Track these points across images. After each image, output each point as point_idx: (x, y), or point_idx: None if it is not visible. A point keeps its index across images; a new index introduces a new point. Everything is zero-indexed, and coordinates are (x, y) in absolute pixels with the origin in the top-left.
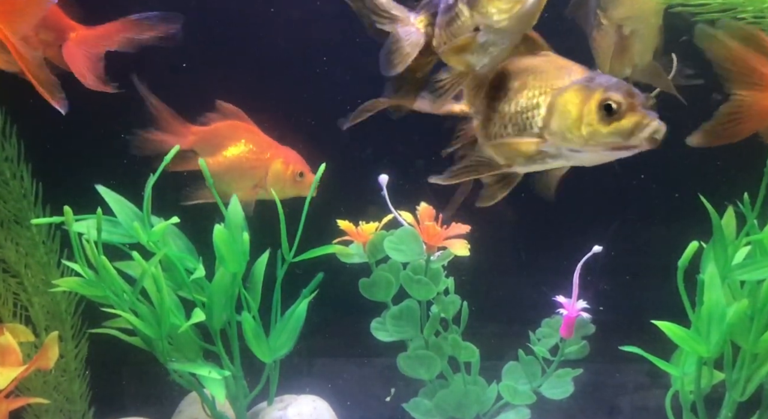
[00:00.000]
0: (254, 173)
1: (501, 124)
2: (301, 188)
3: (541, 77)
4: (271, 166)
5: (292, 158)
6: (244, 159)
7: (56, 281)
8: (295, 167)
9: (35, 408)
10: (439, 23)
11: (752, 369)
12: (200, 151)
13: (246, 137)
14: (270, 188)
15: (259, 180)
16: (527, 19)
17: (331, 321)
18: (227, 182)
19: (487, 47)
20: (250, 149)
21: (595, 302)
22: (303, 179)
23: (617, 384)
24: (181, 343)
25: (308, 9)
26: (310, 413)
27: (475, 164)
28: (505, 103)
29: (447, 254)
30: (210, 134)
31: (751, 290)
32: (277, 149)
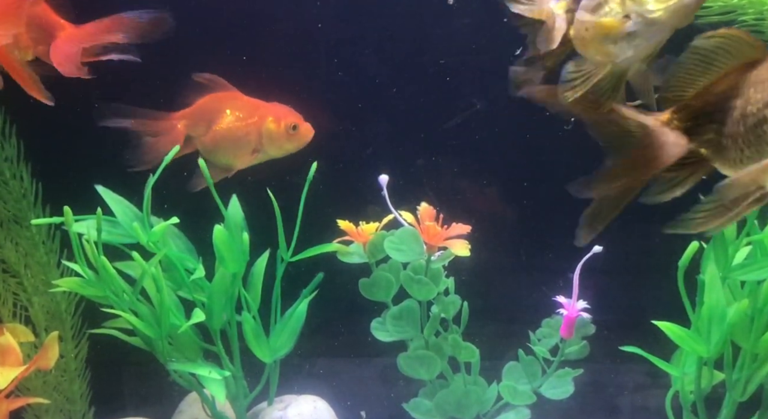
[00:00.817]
0: (248, 139)
1: (737, 145)
2: (299, 140)
3: None
4: (263, 127)
5: (282, 112)
6: (234, 128)
7: (56, 281)
8: (286, 121)
9: (35, 408)
10: (584, 7)
11: (752, 369)
12: (193, 132)
13: (230, 105)
14: (268, 149)
15: (255, 144)
16: (685, 14)
17: (332, 321)
18: (226, 155)
19: (634, 39)
20: (237, 117)
21: (594, 302)
22: (298, 131)
23: (617, 385)
24: (181, 343)
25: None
26: (310, 413)
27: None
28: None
29: (447, 255)
30: (195, 115)
31: (752, 290)
32: (264, 109)
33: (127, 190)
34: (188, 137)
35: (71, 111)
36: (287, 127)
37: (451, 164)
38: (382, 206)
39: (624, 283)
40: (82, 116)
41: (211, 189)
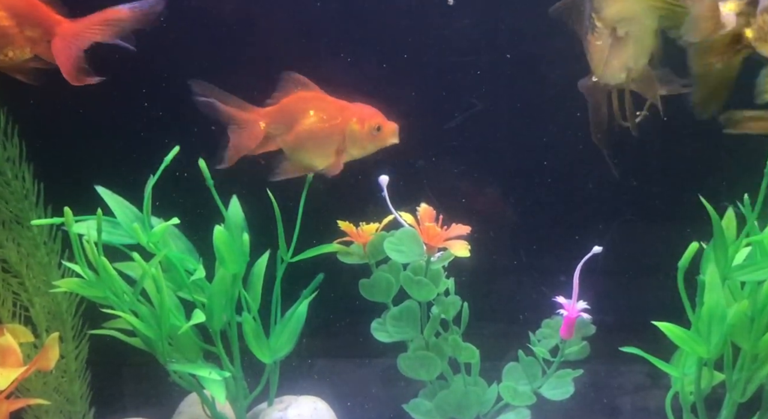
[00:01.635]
0: (332, 139)
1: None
2: (383, 140)
3: None
4: (347, 128)
5: (366, 113)
6: (317, 129)
7: (57, 282)
8: (370, 122)
9: (35, 409)
10: (764, 7)
11: (752, 370)
12: (275, 131)
13: (314, 105)
14: (351, 150)
15: (338, 145)
16: None
17: (332, 322)
18: (308, 155)
19: None
20: (321, 118)
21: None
22: (382, 131)
23: (617, 385)
24: (181, 344)
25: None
26: (310, 414)
27: None
28: None
29: (447, 255)
30: (278, 113)
31: (752, 291)
32: (348, 110)
33: (127, 190)
34: (270, 135)
35: (73, 112)
36: (371, 128)
37: (451, 165)
38: (382, 207)
39: (624, 283)
40: (83, 117)
41: (211, 189)
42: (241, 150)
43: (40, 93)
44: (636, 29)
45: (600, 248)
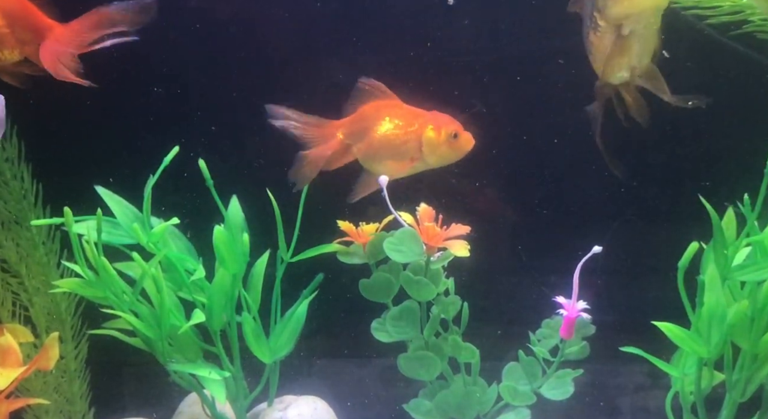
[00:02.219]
0: (407, 147)
1: None
2: (459, 149)
3: None
4: (423, 136)
5: (442, 121)
6: (393, 137)
7: (56, 282)
8: (447, 129)
9: (35, 409)
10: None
11: (752, 369)
12: (351, 141)
13: (389, 113)
14: (428, 158)
15: (413, 153)
16: None
17: (332, 322)
18: (383, 163)
19: None
20: (396, 125)
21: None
22: (458, 139)
23: (617, 385)
24: (181, 344)
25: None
26: (310, 414)
27: None
28: None
29: (447, 255)
30: (354, 123)
31: (752, 291)
32: (424, 117)
33: (127, 190)
34: (348, 146)
35: (72, 111)
36: (448, 136)
37: (450, 165)
38: (382, 207)
39: (624, 283)
40: (83, 117)
41: (211, 189)
42: (319, 163)
43: (39, 93)
44: (641, 28)
45: (600, 248)
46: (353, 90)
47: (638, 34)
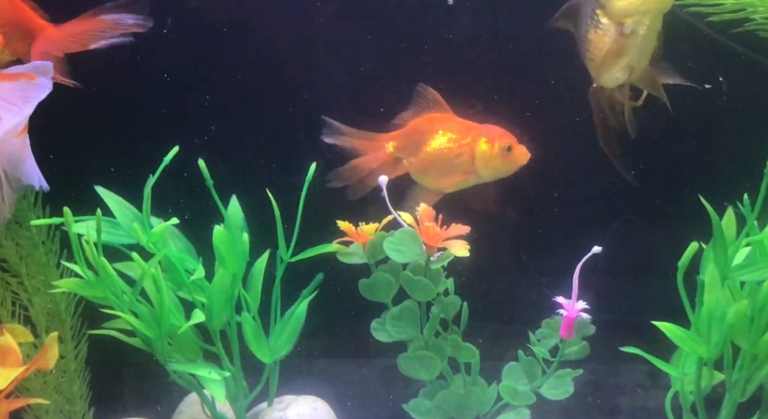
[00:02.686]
0: (460, 160)
1: None
2: (513, 162)
3: None
4: (476, 149)
5: (495, 133)
6: (446, 150)
7: (56, 282)
8: (500, 142)
9: (35, 409)
10: None
11: (752, 369)
12: (403, 154)
13: (442, 126)
14: (481, 171)
15: (466, 166)
16: None
17: (332, 322)
18: (436, 178)
19: None
20: (449, 138)
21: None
22: (512, 152)
23: (617, 385)
24: (181, 344)
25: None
26: (310, 414)
27: None
28: None
29: (447, 255)
30: (406, 137)
31: (751, 290)
32: (477, 130)
33: (127, 190)
34: (398, 159)
35: (71, 111)
36: (501, 149)
37: None
38: (382, 207)
39: (624, 283)
40: (83, 117)
41: (211, 190)
42: (362, 169)
43: None
44: (643, 28)
45: (600, 248)
46: (413, 96)
47: (639, 35)
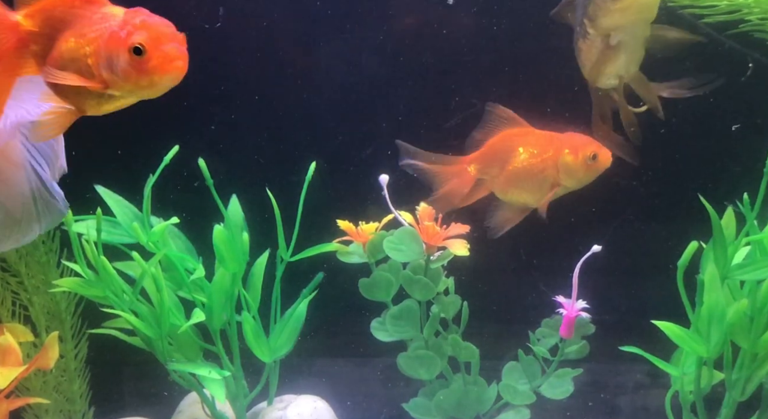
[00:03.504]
0: (545, 174)
1: None
2: (598, 169)
3: None
4: (560, 161)
5: (578, 143)
6: (529, 166)
7: (56, 281)
8: (584, 152)
9: (35, 408)
10: None
11: (752, 369)
12: (485, 175)
13: (522, 142)
14: (567, 183)
15: (553, 179)
16: None
17: (331, 321)
18: (523, 194)
19: None
20: (531, 154)
21: (594, 302)
22: (598, 160)
23: (617, 384)
24: (181, 343)
25: None
26: (310, 413)
27: None
28: None
29: (447, 254)
30: (486, 157)
31: (751, 290)
32: (558, 141)
33: (127, 190)
34: (480, 180)
35: None
36: (586, 158)
37: None
38: (382, 206)
39: (624, 283)
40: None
41: (211, 189)
42: (452, 200)
43: None
44: (629, 38)
45: (599, 248)
46: (483, 117)
47: (626, 44)
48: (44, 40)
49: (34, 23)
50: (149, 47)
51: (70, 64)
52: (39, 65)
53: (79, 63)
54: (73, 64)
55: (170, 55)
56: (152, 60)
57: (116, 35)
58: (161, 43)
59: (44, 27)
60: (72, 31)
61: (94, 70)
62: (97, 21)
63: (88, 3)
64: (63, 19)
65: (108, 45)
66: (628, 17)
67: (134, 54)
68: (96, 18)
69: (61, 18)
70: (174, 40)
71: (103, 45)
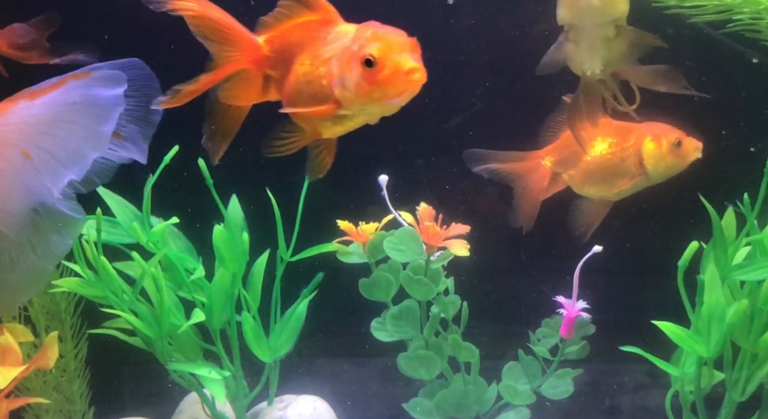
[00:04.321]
0: (626, 165)
1: None
2: (686, 157)
3: None
4: (643, 150)
5: (660, 130)
6: (609, 156)
7: (56, 281)
8: (668, 138)
9: (35, 408)
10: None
11: (752, 369)
12: (561, 168)
13: (600, 132)
14: (653, 173)
15: (634, 170)
16: None
17: (331, 321)
18: (602, 187)
19: None
20: (610, 143)
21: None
22: (682, 147)
23: (617, 384)
24: (181, 343)
25: None
26: (310, 413)
27: None
28: None
29: (447, 255)
30: (562, 149)
31: (751, 290)
32: (638, 130)
33: (127, 190)
34: (556, 174)
35: None
36: (671, 145)
37: (450, 164)
38: (382, 207)
39: (624, 283)
40: None
41: (211, 189)
42: (533, 200)
43: None
44: (581, 36)
45: (600, 248)
46: (557, 109)
47: (579, 41)
48: (280, 64)
49: (272, 48)
50: (380, 57)
51: (306, 87)
52: (276, 90)
53: (314, 85)
54: (309, 87)
55: (402, 64)
56: (384, 70)
57: (348, 50)
58: (392, 52)
59: (282, 52)
60: (307, 54)
61: (328, 91)
62: (330, 41)
63: (323, 24)
64: (299, 42)
65: (341, 62)
66: (575, 15)
67: (366, 66)
68: (330, 38)
69: (298, 41)
70: (406, 49)
71: (336, 63)
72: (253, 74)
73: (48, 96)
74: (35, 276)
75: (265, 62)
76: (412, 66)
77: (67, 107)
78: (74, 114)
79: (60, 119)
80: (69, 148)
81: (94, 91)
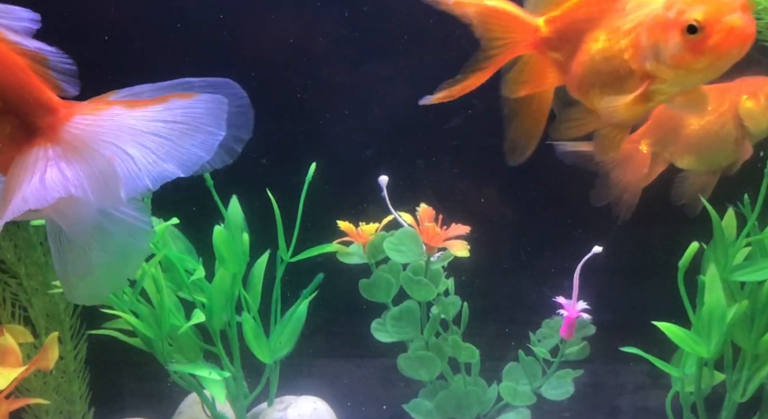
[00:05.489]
0: (727, 129)
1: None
2: None
3: None
4: (741, 110)
5: (755, 85)
6: (708, 125)
7: (55, 282)
8: (764, 92)
9: (35, 409)
10: None
11: (752, 369)
12: (659, 148)
13: None
14: (755, 132)
15: (737, 133)
16: None
17: (332, 322)
18: (707, 158)
19: None
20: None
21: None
22: None
23: (617, 385)
24: (181, 344)
25: None
26: (310, 414)
27: None
28: None
29: (447, 255)
30: (657, 128)
31: (752, 291)
32: (732, 91)
33: None
34: (655, 155)
35: None
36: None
37: (450, 165)
38: (382, 207)
39: (624, 283)
40: None
41: (211, 189)
42: (634, 188)
43: None
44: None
45: (600, 248)
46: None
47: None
48: (565, 45)
49: (554, 29)
50: (709, 22)
51: (603, 65)
52: (560, 75)
53: (613, 61)
54: (607, 65)
55: (736, 26)
56: (713, 35)
57: (662, 18)
58: (723, 14)
59: (566, 31)
60: (601, 29)
61: (633, 65)
62: (630, 11)
63: None
64: (588, 18)
65: (651, 31)
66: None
67: (689, 33)
68: (630, 7)
69: (586, 18)
70: (736, 8)
71: (643, 33)
72: (536, 59)
73: (149, 109)
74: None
75: (546, 44)
76: (744, 27)
77: (166, 124)
78: (172, 132)
79: (155, 134)
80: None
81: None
